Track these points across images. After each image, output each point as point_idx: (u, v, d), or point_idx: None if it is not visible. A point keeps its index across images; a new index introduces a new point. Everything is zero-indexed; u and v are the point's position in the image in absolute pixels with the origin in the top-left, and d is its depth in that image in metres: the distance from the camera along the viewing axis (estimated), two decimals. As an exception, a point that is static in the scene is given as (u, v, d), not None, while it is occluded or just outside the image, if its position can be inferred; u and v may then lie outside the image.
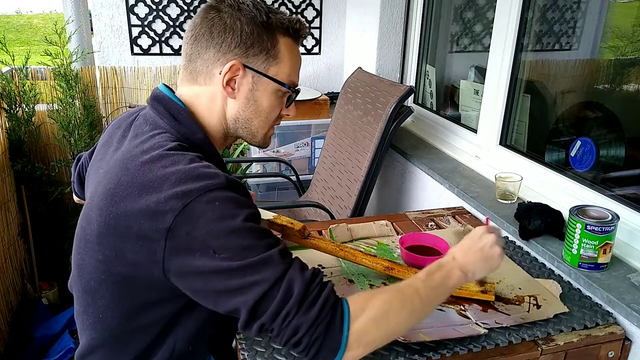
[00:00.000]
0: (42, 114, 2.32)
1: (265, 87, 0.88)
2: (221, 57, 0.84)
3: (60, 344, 1.96)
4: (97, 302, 0.83)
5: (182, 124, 0.85)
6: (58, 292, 2.26)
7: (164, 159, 0.76)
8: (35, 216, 2.24)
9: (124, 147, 0.85)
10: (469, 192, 1.59)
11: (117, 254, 0.76)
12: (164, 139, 0.81)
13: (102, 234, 0.77)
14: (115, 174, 0.78)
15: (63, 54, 2.24)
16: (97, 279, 0.81)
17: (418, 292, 0.80)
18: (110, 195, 0.76)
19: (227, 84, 0.85)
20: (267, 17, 0.85)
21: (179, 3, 2.54)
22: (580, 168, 1.43)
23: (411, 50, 2.34)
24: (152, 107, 0.87)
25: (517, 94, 1.67)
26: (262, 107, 0.89)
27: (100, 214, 0.77)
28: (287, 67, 0.88)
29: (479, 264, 0.89)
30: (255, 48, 0.85)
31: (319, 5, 2.75)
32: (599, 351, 1.04)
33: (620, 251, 1.21)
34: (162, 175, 0.74)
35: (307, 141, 2.56)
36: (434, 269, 0.85)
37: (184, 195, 0.71)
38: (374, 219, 1.49)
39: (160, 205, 0.72)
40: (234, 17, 0.83)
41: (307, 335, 0.70)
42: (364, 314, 0.74)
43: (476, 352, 0.96)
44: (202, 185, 0.72)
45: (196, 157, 0.78)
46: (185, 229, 0.71)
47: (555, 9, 1.68)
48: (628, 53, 1.50)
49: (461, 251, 0.90)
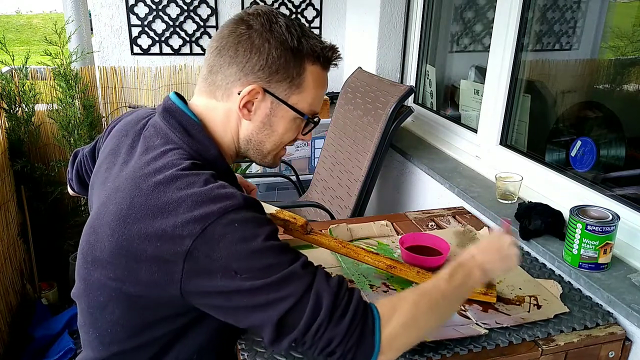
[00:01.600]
0: (41, 113, 2.32)
1: (284, 114, 0.85)
2: (242, 77, 0.81)
3: (60, 344, 1.95)
4: (105, 318, 0.81)
5: (195, 140, 0.82)
6: (58, 292, 2.25)
7: (178, 180, 0.74)
8: (34, 216, 2.23)
9: (134, 161, 0.81)
10: (469, 192, 1.59)
11: (130, 274, 0.75)
12: (177, 157, 0.78)
13: (114, 254, 0.75)
14: (128, 193, 0.75)
15: (63, 53, 2.24)
16: (106, 295, 0.79)
17: (443, 294, 0.81)
18: (123, 216, 0.74)
19: (244, 106, 0.82)
20: (298, 43, 0.81)
21: (178, 3, 2.54)
22: (581, 168, 1.43)
23: (411, 50, 2.34)
24: (164, 119, 0.83)
25: (518, 93, 1.67)
26: (277, 132, 0.87)
27: (112, 234, 0.74)
28: (309, 96, 0.85)
29: (497, 263, 0.91)
30: (280, 74, 0.81)
31: (319, 5, 2.75)
32: (600, 351, 1.04)
33: (621, 251, 1.20)
34: (178, 198, 0.72)
35: (307, 141, 2.56)
36: (455, 268, 0.86)
37: (202, 218, 0.70)
38: (374, 219, 1.49)
39: (177, 229, 0.70)
40: (264, 37, 0.79)
41: (342, 345, 0.71)
42: (393, 318, 0.75)
43: (476, 352, 0.96)
44: (219, 208, 0.71)
45: (210, 176, 0.76)
46: (204, 252, 0.70)
47: (556, 8, 1.68)
48: (628, 53, 1.50)
49: (480, 250, 0.91)
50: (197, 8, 2.59)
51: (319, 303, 0.71)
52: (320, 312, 0.70)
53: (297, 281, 0.71)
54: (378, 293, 1.11)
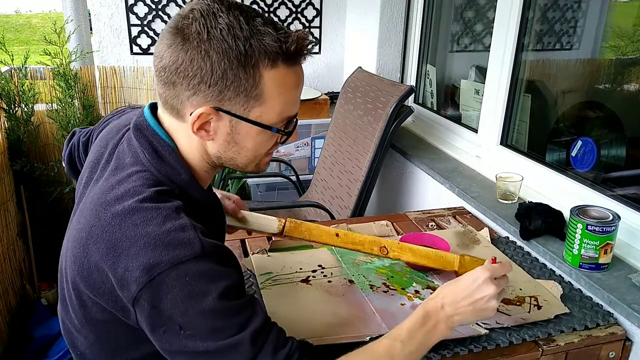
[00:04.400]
0: (41, 113, 2.32)
1: (248, 130, 0.73)
2: (190, 97, 0.70)
3: (60, 345, 1.95)
4: (82, 340, 0.80)
5: (165, 163, 0.75)
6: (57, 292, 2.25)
7: (135, 214, 0.68)
8: (34, 216, 2.23)
9: (102, 181, 0.76)
10: (470, 192, 1.58)
11: (94, 303, 0.72)
12: (141, 182, 0.72)
13: (77, 282, 0.72)
14: (88, 220, 0.71)
15: (62, 53, 2.24)
16: (79, 320, 0.77)
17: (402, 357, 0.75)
18: (82, 245, 0.71)
19: (200, 129, 0.72)
20: (244, 47, 0.67)
21: (178, 2, 2.54)
22: (581, 168, 1.43)
23: (411, 50, 2.33)
24: (135, 137, 0.76)
25: (518, 93, 1.67)
26: (246, 148, 0.76)
27: (74, 262, 0.72)
28: (276, 105, 0.72)
29: (468, 316, 0.81)
30: (232, 90, 0.69)
31: (319, 5, 2.75)
32: (600, 351, 1.04)
33: (621, 251, 1.20)
34: (133, 236, 0.67)
35: (307, 141, 2.56)
36: (418, 324, 0.78)
37: (152, 268, 0.64)
38: (374, 219, 1.49)
39: (127, 273, 0.66)
40: (202, 50, 0.67)
41: None
42: None
43: (477, 353, 0.95)
44: (172, 257, 0.65)
45: (173, 211, 0.69)
46: (150, 302, 0.65)
47: (556, 8, 1.68)
48: (629, 53, 1.50)
49: (452, 299, 0.81)
50: (197, 8, 2.58)
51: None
52: None
53: (241, 353, 0.66)
54: (378, 293, 1.11)
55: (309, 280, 1.15)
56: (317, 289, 1.12)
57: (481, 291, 0.80)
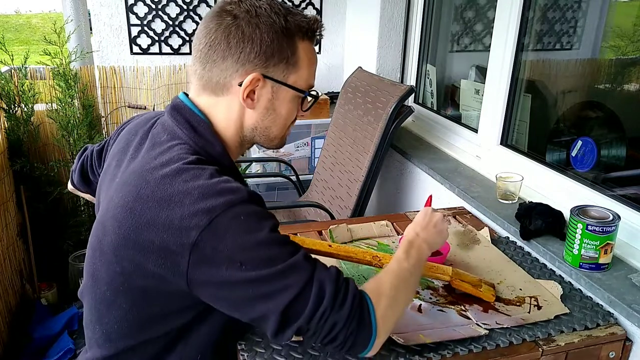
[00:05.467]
0: (41, 113, 2.32)
1: (285, 95, 0.85)
2: (240, 68, 0.80)
3: (60, 345, 1.95)
4: (112, 313, 0.82)
5: (201, 136, 0.83)
6: (57, 292, 2.25)
7: (184, 173, 0.75)
8: (34, 216, 2.23)
9: (141, 157, 0.83)
10: (470, 192, 1.58)
11: (137, 266, 0.75)
12: (183, 151, 0.79)
13: (120, 246, 0.76)
14: (134, 185, 0.77)
15: (62, 53, 2.24)
16: (114, 290, 0.80)
17: (409, 272, 0.88)
18: (129, 208, 0.75)
19: (248, 96, 0.82)
20: (285, 22, 0.80)
21: (178, 2, 2.54)
22: (581, 168, 1.43)
23: (411, 50, 2.33)
24: (172, 117, 0.85)
25: (518, 93, 1.67)
26: (280, 114, 0.87)
27: (119, 227, 0.75)
28: (305, 72, 0.86)
29: (436, 237, 1.01)
30: (276, 57, 0.81)
31: (319, 5, 2.75)
32: (600, 352, 1.04)
33: (621, 251, 1.20)
34: (184, 190, 0.73)
35: (307, 141, 2.56)
36: (407, 247, 0.93)
37: (209, 211, 0.71)
38: (374, 219, 1.49)
39: (184, 221, 0.71)
40: (253, 24, 0.79)
41: (344, 330, 0.74)
42: (381, 302, 0.79)
43: (477, 353, 0.95)
44: (225, 201, 0.72)
45: (215, 171, 0.77)
46: (211, 244, 0.71)
47: (556, 8, 1.68)
48: (629, 53, 1.50)
49: (421, 228, 1.00)
50: (197, 7, 2.58)
51: (322, 290, 0.73)
52: (324, 299, 0.73)
53: (299, 271, 0.74)
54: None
55: (309, 281, 1.15)
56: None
57: (434, 217, 1.04)
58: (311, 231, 1.42)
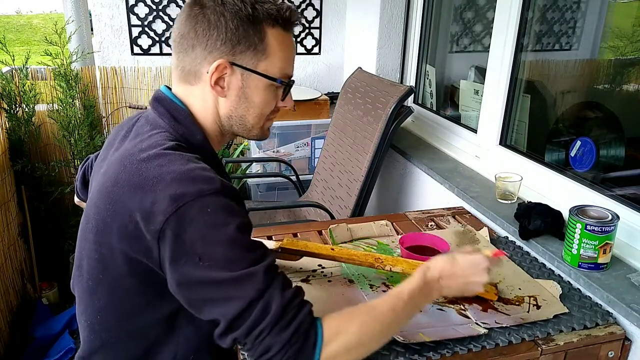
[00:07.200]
0: (42, 114, 2.32)
1: (257, 83, 0.85)
2: (207, 55, 0.81)
3: (60, 344, 1.96)
4: (95, 303, 0.83)
5: (181, 125, 0.84)
6: (58, 292, 2.26)
7: (160, 158, 0.76)
8: (35, 216, 2.24)
9: (124, 146, 0.84)
10: (469, 192, 1.59)
11: (114, 252, 0.76)
12: (163, 138, 0.81)
13: (99, 232, 0.77)
14: (113, 172, 0.78)
15: (63, 54, 2.24)
16: (95, 278, 0.81)
17: (398, 315, 0.81)
18: (107, 193, 0.77)
19: (216, 83, 0.83)
20: (252, 10, 0.81)
21: (179, 3, 2.54)
22: (580, 168, 1.43)
23: (411, 50, 2.34)
24: (153, 108, 0.87)
25: (517, 94, 1.67)
26: (254, 103, 0.86)
27: (98, 212, 0.77)
28: (278, 60, 0.84)
29: (455, 291, 0.93)
30: (242, 45, 0.81)
31: (319, 5, 2.75)
32: (599, 351, 1.04)
33: (620, 251, 1.21)
34: (158, 175, 0.73)
35: (307, 141, 2.56)
36: (417, 289, 0.85)
37: (177, 198, 0.71)
38: (374, 219, 1.49)
39: (154, 206, 0.71)
40: (218, 12, 0.80)
41: (279, 354, 0.71)
42: (337, 339, 0.74)
43: (476, 352, 0.96)
44: (196, 190, 0.72)
45: (194, 157, 0.78)
46: (174, 231, 0.70)
47: (555, 9, 1.68)
48: (628, 53, 1.50)
49: (449, 276, 0.90)
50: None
51: (267, 310, 0.71)
52: (266, 318, 0.71)
53: (253, 283, 0.71)
54: (378, 293, 1.12)
55: (309, 280, 1.16)
56: (317, 288, 1.12)
57: (477, 276, 0.91)
58: (311, 231, 1.43)
